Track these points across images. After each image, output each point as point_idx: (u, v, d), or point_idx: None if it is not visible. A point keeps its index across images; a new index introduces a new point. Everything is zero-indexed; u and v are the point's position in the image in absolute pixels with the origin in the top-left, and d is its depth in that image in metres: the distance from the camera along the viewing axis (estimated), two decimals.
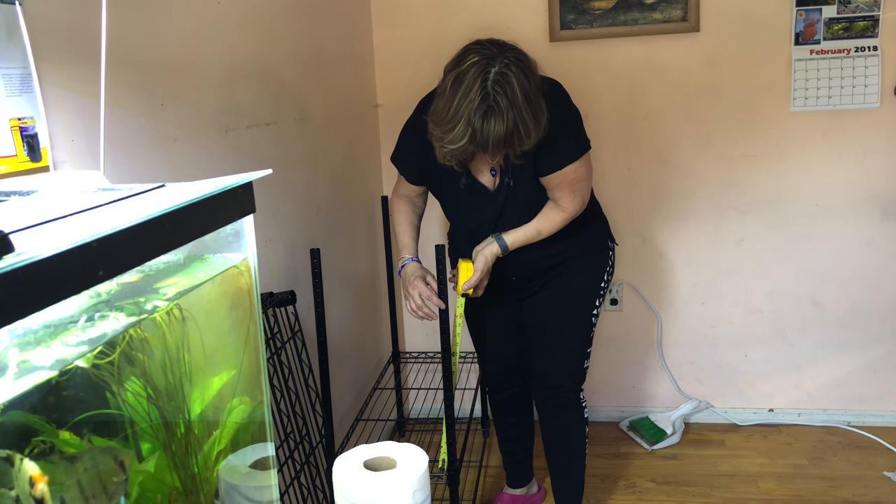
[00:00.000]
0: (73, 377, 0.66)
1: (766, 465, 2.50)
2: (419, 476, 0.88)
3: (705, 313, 2.72)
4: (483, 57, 1.49)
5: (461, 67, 1.50)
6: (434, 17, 2.60)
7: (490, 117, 1.48)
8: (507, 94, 1.47)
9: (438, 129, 1.54)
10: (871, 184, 2.52)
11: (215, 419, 0.89)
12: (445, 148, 1.55)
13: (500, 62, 1.48)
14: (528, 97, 1.50)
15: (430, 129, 1.57)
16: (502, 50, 1.52)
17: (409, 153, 1.85)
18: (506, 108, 1.47)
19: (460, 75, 1.50)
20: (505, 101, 1.47)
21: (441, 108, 1.53)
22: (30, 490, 0.57)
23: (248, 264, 0.87)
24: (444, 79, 1.56)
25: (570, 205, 1.77)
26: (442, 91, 1.55)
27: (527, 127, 1.50)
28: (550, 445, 2.10)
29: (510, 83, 1.47)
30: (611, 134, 2.59)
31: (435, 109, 1.56)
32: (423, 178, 1.87)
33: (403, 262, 1.86)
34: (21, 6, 0.95)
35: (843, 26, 2.41)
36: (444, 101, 1.52)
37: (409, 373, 2.90)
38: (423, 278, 1.80)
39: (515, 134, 1.50)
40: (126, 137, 1.22)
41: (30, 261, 0.50)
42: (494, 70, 1.48)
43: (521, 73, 1.49)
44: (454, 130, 1.50)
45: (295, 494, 1.69)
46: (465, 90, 1.48)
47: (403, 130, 1.87)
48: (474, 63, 1.49)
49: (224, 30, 1.57)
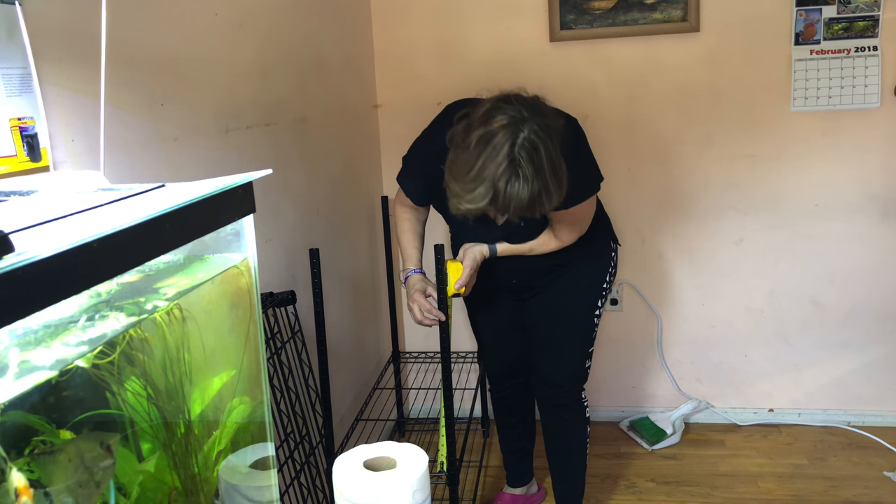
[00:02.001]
0: (73, 377, 0.66)
1: (766, 465, 2.49)
2: (419, 476, 0.88)
3: (705, 313, 2.72)
4: (512, 121, 1.43)
5: (489, 128, 1.44)
6: (434, 17, 2.60)
7: (515, 183, 1.43)
8: (533, 162, 1.43)
9: (458, 186, 1.48)
10: (871, 184, 2.52)
11: (215, 419, 0.89)
12: (463, 206, 1.50)
13: (529, 127, 1.43)
14: (554, 165, 1.46)
15: (448, 181, 1.52)
16: (532, 113, 1.46)
17: (416, 179, 1.82)
18: (531, 176, 1.43)
19: (488, 136, 1.44)
20: (531, 170, 1.43)
21: (463, 164, 1.47)
22: (14, 501, 0.57)
23: (248, 264, 0.87)
24: (467, 132, 1.48)
25: (567, 237, 1.78)
26: (464, 146, 1.48)
27: (549, 194, 1.47)
28: (551, 445, 2.10)
29: (538, 151, 1.43)
30: (611, 134, 2.59)
31: (455, 163, 1.50)
32: (428, 200, 1.88)
33: (407, 273, 1.87)
34: (21, 6, 0.95)
35: (843, 26, 2.41)
36: (468, 159, 1.46)
37: (409, 373, 2.90)
38: (423, 291, 1.80)
39: (538, 201, 1.46)
40: (126, 137, 1.22)
41: (30, 261, 0.50)
42: (523, 135, 1.43)
43: (548, 139, 1.45)
44: (475, 191, 1.45)
45: (295, 494, 1.69)
46: (490, 151, 1.43)
47: (410, 156, 1.84)
48: (503, 126, 1.43)
49: (224, 30, 1.57)
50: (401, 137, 2.66)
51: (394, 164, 2.69)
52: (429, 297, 1.79)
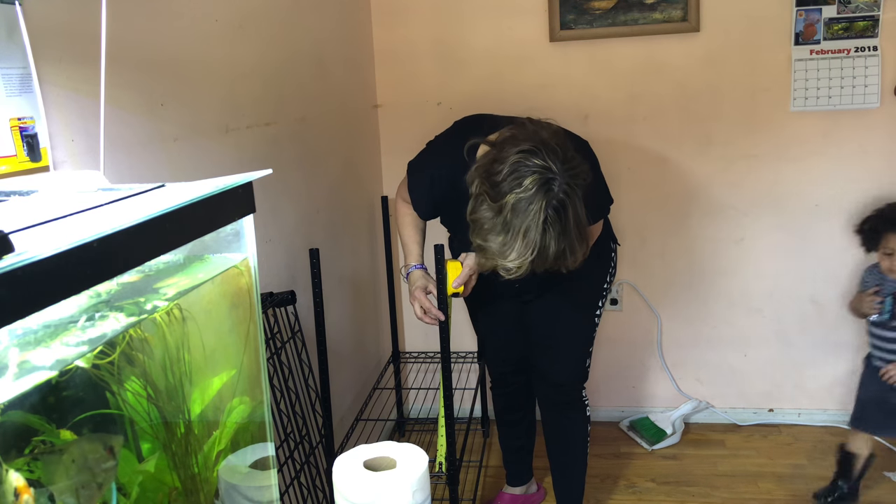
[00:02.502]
0: (73, 377, 0.66)
1: (766, 465, 2.49)
2: (419, 476, 0.88)
3: (705, 313, 2.72)
4: (543, 181, 1.41)
5: (521, 195, 1.40)
6: (434, 17, 2.60)
7: (543, 240, 1.43)
8: (560, 220, 1.42)
9: (494, 247, 1.45)
10: (871, 184, 2.52)
11: (215, 419, 0.89)
12: (495, 267, 1.50)
13: (559, 185, 1.41)
14: (579, 221, 1.46)
15: (481, 241, 1.48)
16: (560, 166, 1.42)
17: (425, 197, 1.80)
18: (559, 234, 1.42)
19: (523, 202, 1.41)
20: (558, 228, 1.42)
21: (498, 226, 1.43)
22: (14, 501, 0.57)
23: (248, 264, 0.87)
24: (495, 188, 1.43)
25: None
26: (496, 207, 1.43)
27: (574, 250, 1.47)
28: (552, 444, 2.11)
29: (566, 210, 1.42)
30: (611, 134, 2.59)
31: (488, 227, 1.45)
32: (435, 216, 1.88)
33: (409, 268, 1.86)
34: (21, 6, 0.95)
35: (843, 26, 2.41)
36: (503, 223, 1.43)
37: (409, 373, 2.90)
38: (424, 289, 1.79)
39: (563, 257, 1.46)
40: (126, 137, 1.22)
41: (30, 261, 0.50)
42: (552, 194, 1.41)
43: (575, 196, 1.44)
44: (515, 259, 1.44)
45: (295, 494, 1.69)
46: (526, 215, 1.41)
47: (418, 170, 1.80)
48: (536, 188, 1.40)
49: (224, 30, 1.57)
50: (401, 137, 2.67)
51: (394, 164, 2.70)
52: (429, 295, 1.79)
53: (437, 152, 1.78)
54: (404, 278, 1.89)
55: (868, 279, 2.22)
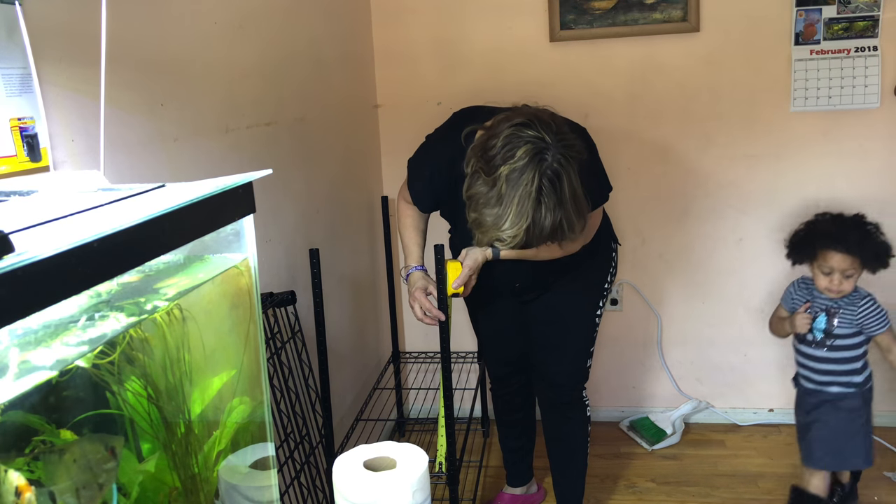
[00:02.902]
0: (74, 377, 0.66)
1: (766, 465, 2.49)
2: (419, 476, 0.88)
3: (705, 313, 2.72)
4: (536, 150, 1.41)
5: (515, 164, 1.40)
6: (434, 17, 2.60)
7: (538, 212, 1.42)
8: (556, 192, 1.41)
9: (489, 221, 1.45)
10: (871, 184, 2.52)
11: (215, 419, 0.89)
12: (492, 241, 1.49)
13: (552, 155, 1.41)
14: (575, 194, 1.44)
15: (476, 217, 1.49)
16: (553, 137, 1.43)
17: (425, 189, 1.80)
18: (554, 205, 1.42)
19: (515, 172, 1.41)
20: (554, 199, 1.41)
21: (493, 199, 1.43)
22: (16, 500, 0.57)
23: (248, 264, 0.87)
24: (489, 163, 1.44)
25: (572, 246, 1.77)
26: (490, 181, 1.43)
27: (571, 223, 1.46)
28: (553, 444, 2.10)
29: (561, 180, 1.41)
30: (611, 134, 2.59)
31: (483, 198, 1.46)
32: (436, 209, 1.88)
33: (409, 270, 1.86)
34: (21, 6, 0.95)
35: (843, 26, 2.41)
36: (496, 195, 1.43)
37: (409, 373, 2.90)
38: (424, 290, 1.79)
39: (559, 229, 1.45)
40: (126, 137, 1.22)
41: (30, 261, 0.50)
42: (547, 164, 1.41)
43: (569, 166, 1.43)
44: (510, 229, 1.43)
45: (295, 494, 1.69)
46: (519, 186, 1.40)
47: (418, 163, 1.80)
48: (529, 157, 1.40)
49: (224, 30, 1.57)
50: (401, 137, 2.67)
51: (394, 164, 2.70)
52: (429, 296, 1.79)
53: (435, 144, 1.78)
54: (404, 280, 1.89)
55: (797, 295, 2.10)
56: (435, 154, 1.76)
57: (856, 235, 1.95)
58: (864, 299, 2.00)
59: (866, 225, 1.98)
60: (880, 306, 2.00)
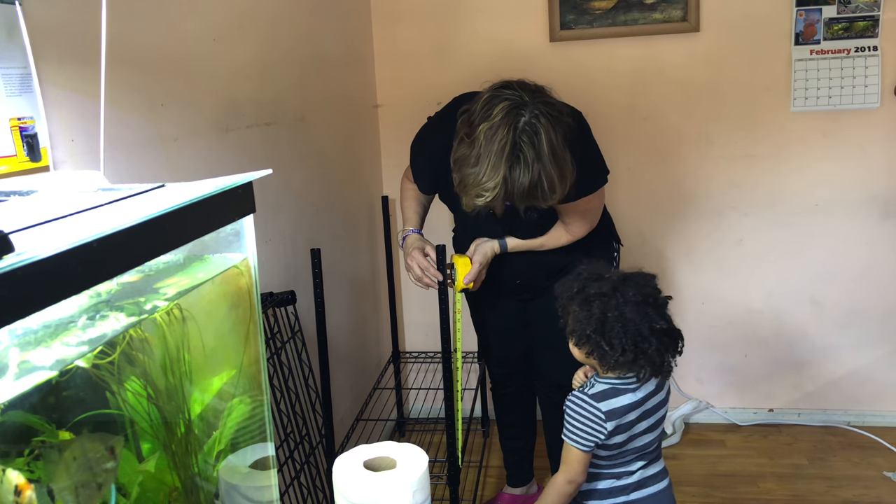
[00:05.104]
0: (73, 377, 0.66)
1: (766, 465, 2.49)
2: (419, 476, 0.88)
3: (705, 313, 2.72)
4: (513, 106, 1.42)
5: (493, 121, 1.42)
6: (434, 17, 2.60)
7: (516, 168, 1.42)
8: (534, 146, 1.41)
9: (468, 179, 1.47)
10: (871, 184, 2.52)
11: (215, 419, 0.89)
12: (476, 200, 1.49)
13: (529, 112, 1.42)
14: (555, 151, 1.44)
15: (457, 177, 1.51)
16: (533, 97, 1.44)
17: (424, 171, 1.82)
18: (532, 160, 1.42)
19: (492, 127, 1.43)
20: (532, 154, 1.41)
21: (471, 157, 1.45)
22: (16, 499, 0.57)
23: (248, 264, 0.87)
24: (470, 125, 1.47)
25: (579, 230, 1.77)
26: (469, 140, 1.46)
27: (552, 182, 1.45)
28: (553, 444, 2.10)
29: (538, 136, 1.42)
30: (611, 134, 2.59)
31: (462, 157, 1.48)
32: (435, 191, 1.89)
33: (405, 233, 1.86)
34: (21, 6, 0.95)
35: (843, 26, 2.41)
36: (474, 152, 1.44)
37: (409, 373, 2.90)
38: (421, 250, 1.78)
39: (539, 187, 1.45)
40: (126, 137, 1.22)
41: (30, 261, 0.50)
42: (524, 119, 1.42)
43: (549, 125, 1.43)
44: (486, 183, 1.44)
45: (295, 494, 1.69)
46: (494, 141, 1.42)
47: (418, 146, 1.83)
48: (505, 112, 1.42)
49: (224, 30, 1.57)
50: (401, 137, 2.66)
51: (394, 164, 2.70)
52: (427, 257, 1.77)
53: (434, 126, 1.81)
54: (400, 246, 1.88)
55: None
56: (433, 136, 1.78)
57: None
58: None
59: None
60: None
